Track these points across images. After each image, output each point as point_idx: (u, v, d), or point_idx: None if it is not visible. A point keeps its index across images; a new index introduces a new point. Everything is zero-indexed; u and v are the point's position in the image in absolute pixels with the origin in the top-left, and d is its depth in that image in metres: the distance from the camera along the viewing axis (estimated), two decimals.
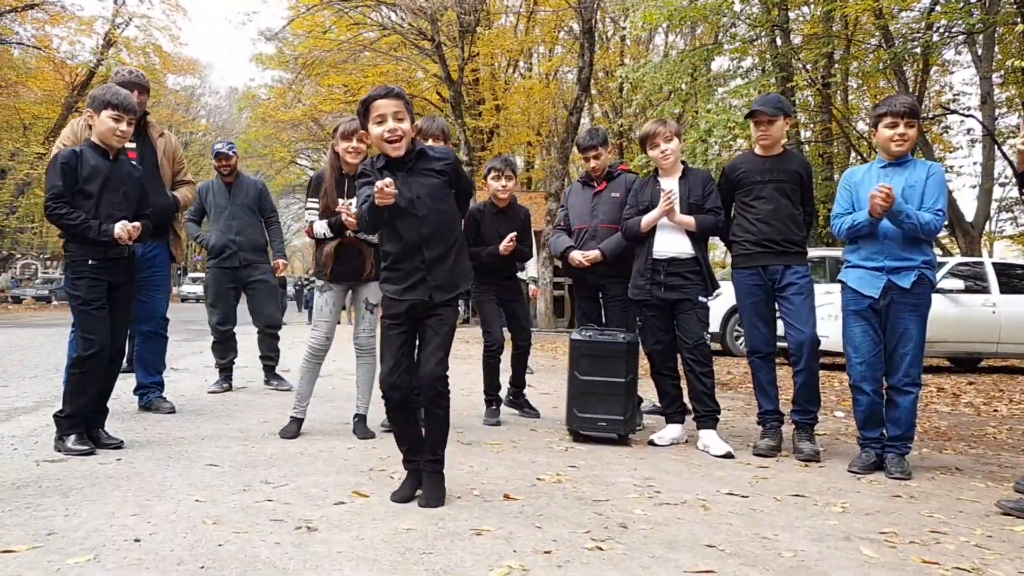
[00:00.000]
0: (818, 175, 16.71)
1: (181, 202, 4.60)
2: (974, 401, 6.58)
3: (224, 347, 5.70)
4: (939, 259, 10.86)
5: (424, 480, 2.68)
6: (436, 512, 2.55)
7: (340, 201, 3.87)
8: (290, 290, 21.83)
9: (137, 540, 2.19)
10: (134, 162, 4.28)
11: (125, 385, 4.74)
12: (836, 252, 13.01)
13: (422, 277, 2.64)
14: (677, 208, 3.98)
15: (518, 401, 4.86)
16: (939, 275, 9.35)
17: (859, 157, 17.19)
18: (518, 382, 4.84)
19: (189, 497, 2.68)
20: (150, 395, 4.57)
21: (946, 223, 3.45)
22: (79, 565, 1.99)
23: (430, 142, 4.22)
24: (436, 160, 2.77)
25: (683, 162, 4.22)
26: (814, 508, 2.88)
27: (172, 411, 4.49)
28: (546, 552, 2.19)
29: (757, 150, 4.05)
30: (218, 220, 5.64)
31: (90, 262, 3.45)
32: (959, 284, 9.28)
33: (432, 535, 2.32)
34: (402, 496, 2.70)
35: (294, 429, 3.93)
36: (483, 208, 4.75)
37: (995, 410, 6.07)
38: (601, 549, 2.24)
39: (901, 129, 3.49)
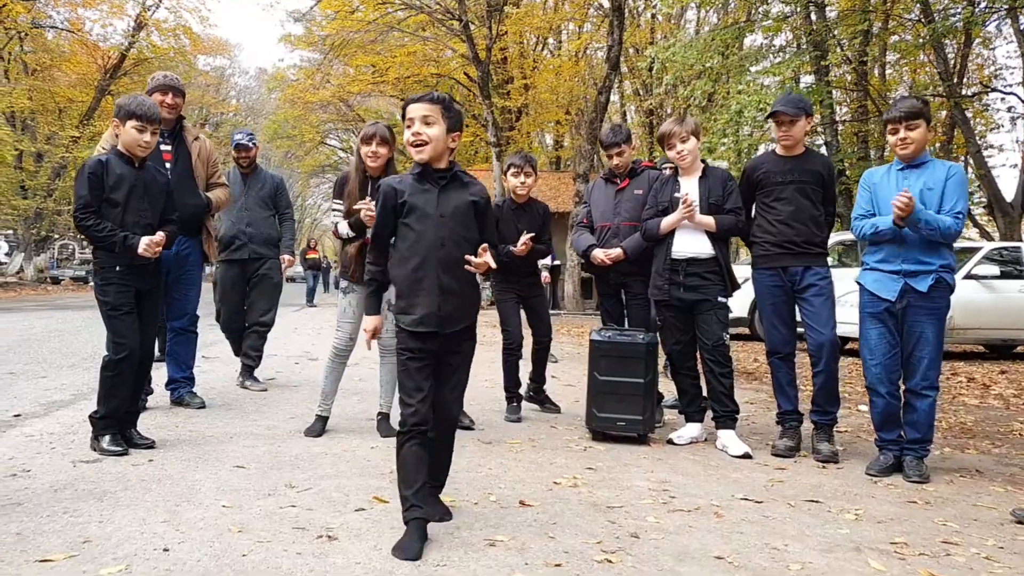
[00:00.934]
0: (853, 156, 16.41)
1: (214, 203, 4.68)
2: (1004, 393, 6.51)
3: (236, 344, 5.77)
4: (975, 243, 10.71)
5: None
6: (454, 523, 2.61)
7: (361, 204, 3.95)
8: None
9: (166, 549, 2.29)
10: (168, 164, 4.37)
11: (157, 376, 4.87)
12: None
13: (437, 304, 2.54)
14: (697, 209, 3.99)
15: (539, 397, 4.91)
16: (974, 260, 9.24)
17: None
18: (539, 378, 4.90)
19: (216, 502, 2.78)
20: (181, 390, 4.71)
21: (968, 223, 3.42)
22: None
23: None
24: (469, 188, 2.67)
25: (703, 161, 4.22)
26: (827, 515, 2.91)
27: (202, 406, 4.62)
28: (556, 565, 2.25)
29: (778, 150, 4.03)
30: (230, 211, 5.55)
31: (117, 268, 3.56)
32: (994, 270, 9.16)
33: (447, 545, 2.40)
34: (413, 553, 2.32)
35: (319, 428, 4.03)
36: (502, 204, 4.79)
37: None
38: (610, 562, 2.30)
39: (902, 134, 3.50)
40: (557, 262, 18.80)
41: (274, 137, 39.07)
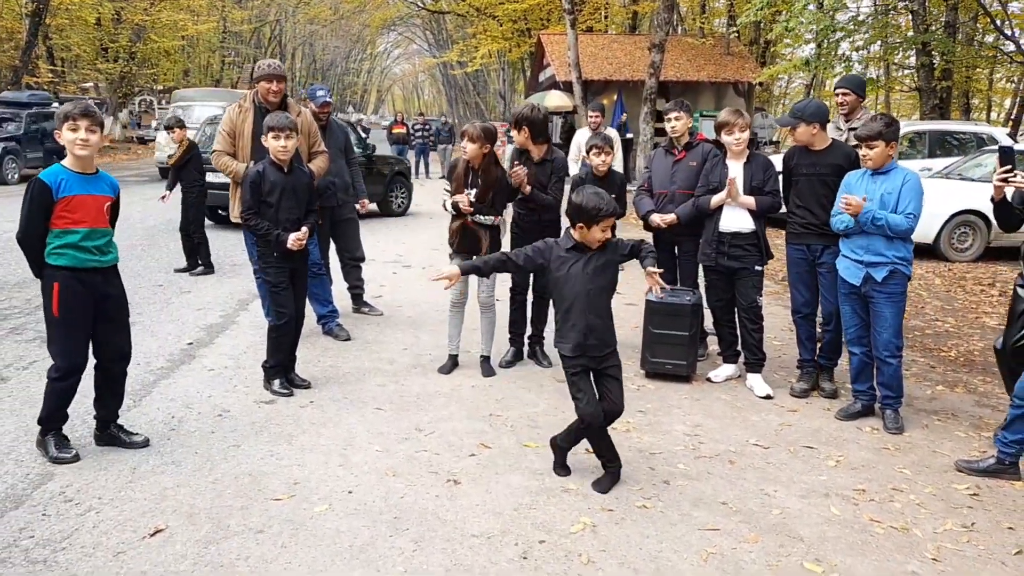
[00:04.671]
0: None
1: (316, 174, 5.35)
2: None
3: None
4: None
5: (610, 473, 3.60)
6: (538, 468, 3.72)
7: (465, 191, 4.88)
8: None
9: (350, 492, 3.46)
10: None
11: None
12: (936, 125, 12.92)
13: (583, 337, 3.45)
14: (741, 190, 4.76)
15: None
16: None
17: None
18: None
19: (371, 446, 3.95)
20: (330, 323, 5.95)
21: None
22: (322, 513, 3.28)
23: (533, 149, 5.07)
24: (608, 255, 3.54)
25: (749, 145, 4.93)
26: (815, 461, 3.90)
27: (348, 339, 5.82)
28: (609, 510, 3.34)
29: None
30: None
31: (275, 255, 4.61)
32: None
33: (535, 490, 3.51)
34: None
35: (450, 365, 5.18)
36: (584, 176, 5.65)
37: None
38: (646, 507, 3.37)
39: (863, 151, 4.25)
40: (630, 135, 19.27)
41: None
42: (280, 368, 4.75)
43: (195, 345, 5.67)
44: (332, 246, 6.59)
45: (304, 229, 4.61)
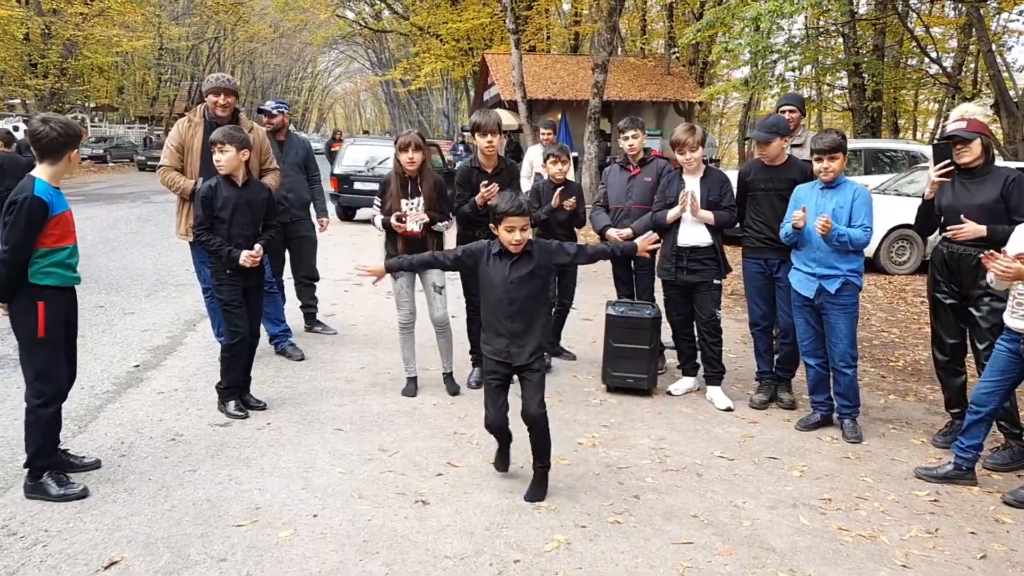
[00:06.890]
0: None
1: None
2: None
3: (282, 293, 6.44)
4: None
5: (535, 478, 3.58)
6: (507, 486, 3.66)
7: (403, 202, 4.81)
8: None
9: (315, 516, 3.35)
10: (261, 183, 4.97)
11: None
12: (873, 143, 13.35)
13: (506, 344, 3.48)
14: (698, 205, 4.81)
15: (554, 349, 5.87)
16: None
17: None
18: (555, 336, 5.85)
19: (333, 468, 3.83)
20: (282, 343, 5.80)
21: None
22: (288, 539, 3.16)
23: (488, 137, 5.00)
24: (536, 263, 3.48)
25: (705, 162, 4.99)
26: (780, 472, 3.94)
27: (302, 359, 5.67)
28: (582, 527, 3.30)
29: (764, 160, 4.81)
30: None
31: (228, 272, 4.47)
32: None
33: (506, 509, 3.44)
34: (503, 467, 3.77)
35: (412, 388, 5.03)
36: (541, 187, 5.68)
37: None
38: (619, 523, 3.34)
39: (825, 164, 4.30)
40: (575, 153, 19.48)
41: (285, 8, 38.63)
42: (234, 389, 4.59)
43: (142, 367, 5.45)
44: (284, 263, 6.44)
45: (258, 247, 4.48)
